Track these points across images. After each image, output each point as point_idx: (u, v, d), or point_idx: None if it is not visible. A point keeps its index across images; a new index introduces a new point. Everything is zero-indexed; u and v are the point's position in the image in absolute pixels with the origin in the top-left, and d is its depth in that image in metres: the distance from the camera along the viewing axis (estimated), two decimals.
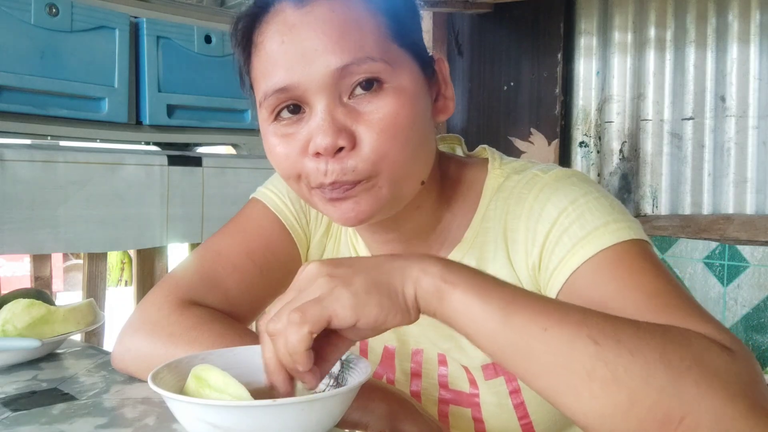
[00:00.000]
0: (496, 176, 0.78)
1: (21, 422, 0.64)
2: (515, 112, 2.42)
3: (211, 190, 1.78)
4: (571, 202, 0.69)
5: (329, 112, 0.66)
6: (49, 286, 1.65)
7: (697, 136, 2.19)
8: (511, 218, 0.74)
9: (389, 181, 0.68)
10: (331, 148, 0.65)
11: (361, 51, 0.65)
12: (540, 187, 0.72)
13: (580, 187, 0.71)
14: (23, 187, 1.46)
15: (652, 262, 0.65)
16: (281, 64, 0.67)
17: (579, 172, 0.76)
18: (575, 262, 0.66)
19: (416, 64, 0.70)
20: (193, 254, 0.86)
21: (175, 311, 0.76)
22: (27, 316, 0.84)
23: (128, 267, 6.61)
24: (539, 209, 0.71)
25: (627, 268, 0.64)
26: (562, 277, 0.67)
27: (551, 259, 0.69)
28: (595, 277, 0.65)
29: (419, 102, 0.69)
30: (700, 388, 0.49)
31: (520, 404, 0.76)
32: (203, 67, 1.79)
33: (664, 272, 0.64)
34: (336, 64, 0.65)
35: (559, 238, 0.68)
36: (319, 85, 0.66)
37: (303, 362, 0.52)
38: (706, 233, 2.10)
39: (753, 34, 2.09)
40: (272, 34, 0.68)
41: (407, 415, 0.66)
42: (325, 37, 0.65)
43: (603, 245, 0.65)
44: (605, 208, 0.69)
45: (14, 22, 1.46)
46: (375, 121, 0.66)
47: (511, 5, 2.33)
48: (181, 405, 0.54)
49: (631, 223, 0.68)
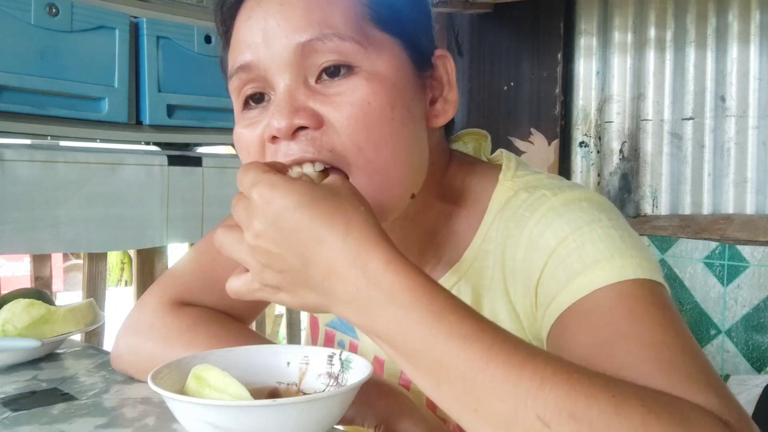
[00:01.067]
0: (505, 190, 0.69)
1: (21, 422, 0.64)
2: (515, 112, 2.42)
3: (211, 190, 1.78)
4: (573, 231, 0.60)
5: (288, 91, 0.59)
6: (49, 286, 1.65)
7: (697, 136, 2.19)
8: (510, 243, 0.65)
9: (371, 186, 0.58)
10: (286, 128, 0.57)
11: (327, 27, 0.58)
12: (543, 211, 0.63)
13: (589, 213, 0.61)
14: (23, 187, 1.46)
15: (659, 309, 0.54)
16: (245, 42, 0.61)
17: (596, 195, 0.65)
18: (567, 299, 0.56)
19: (405, 54, 0.63)
20: (191, 252, 0.85)
21: (169, 313, 0.76)
22: (27, 316, 0.84)
23: (128, 267, 6.60)
24: (537, 237, 0.62)
25: (626, 312, 0.53)
26: (553, 316, 0.58)
27: (546, 294, 0.59)
28: (587, 319, 0.54)
29: (402, 94, 0.61)
30: None
31: None
32: (203, 67, 1.79)
33: (671, 322, 0.53)
34: (297, 39, 0.58)
35: (554, 270, 0.59)
36: (280, 63, 0.59)
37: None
38: (706, 233, 2.10)
39: (753, 34, 2.09)
40: (242, 14, 0.63)
41: (405, 411, 0.66)
42: (289, 11, 0.59)
43: (601, 283, 0.55)
44: (613, 240, 0.58)
45: (14, 22, 1.46)
46: (343, 105, 0.58)
47: (511, 5, 2.33)
48: (181, 405, 0.54)
49: (643, 260, 0.57)
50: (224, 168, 1.83)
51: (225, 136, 1.91)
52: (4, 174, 1.43)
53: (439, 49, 0.68)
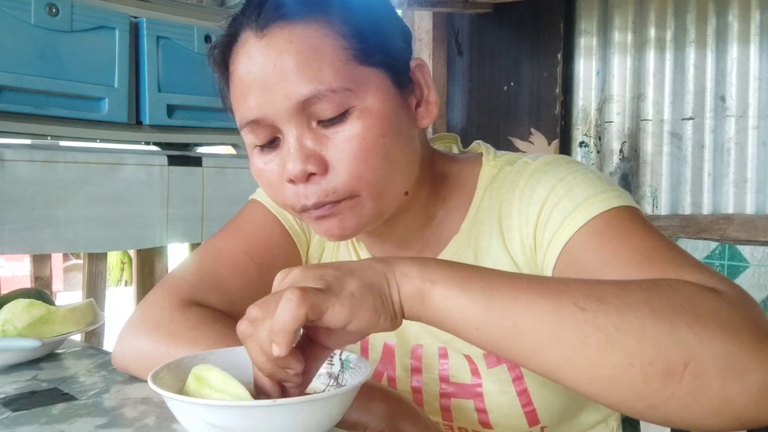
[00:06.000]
0: (490, 168, 0.80)
1: (21, 422, 0.64)
2: (515, 112, 2.42)
3: (211, 190, 1.79)
4: (560, 180, 0.71)
5: (297, 139, 0.67)
6: (49, 286, 1.66)
7: (697, 136, 2.19)
8: (505, 206, 0.76)
9: (371, 198, 0.69)
10: (301, 174, 0.67)
11: (321, 82, 0.65)
12: (530, 173, 0.75)
13: (567, 166, 0.73)
14: (23, 187, 1.46)
15: (643, 224, 0.66)
16: (249, 94, 0.68)
17: (567, 156, 0.79)
18: (567, 233, 0.68)
19: (387, 79, 0.70)
20: (194, 254, 0.86)
21: (176, 311, 0.76)
22: (27, 316, 0.84)
23: (128, 267, 6.62)
24: (530, 192, 0.73)
25: (618, 232, 0.65)
26: (557, 251, 0.68)
27: (544, 236, 0.70)
28: (587, 244, 0.66)
29: (392, 118, 0.69)
30: (696, 332, 0.49)
31: (523, 391, 0.77)
32: (203, 67, 1.78)
33: (655, 232, 0.65)
34: (296, 98, 0.66)
35: (550, 214, 0.70)
36: (284, 116, 0.67)
37: (286, 342, 0.48)
38: (706, 233, 2.10)
39: (753, 34, 2.09)
40: (239, 65, 0.69)
41: (407, 416, 0.66)
42: (283, 69, 0.66)
43: (593, 213, 0.67)
44: (593, 181, 0.70)
45: (14, 22, 1.46)
46: (342, 145, 0.67)
47: (511, 5, 2.33)
48: (181, 405, 0.54)
49: (619, 192, 0.69)
50: (224, 168, 1.83)
51: (225, 136, 1.91)
52: (4, 174, 1.43)
53: (413, 60, 0.74)
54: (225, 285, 0.81)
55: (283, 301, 0.49)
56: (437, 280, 0.53)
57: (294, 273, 0.54)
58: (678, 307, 0.50)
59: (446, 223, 0.80)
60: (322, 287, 0.51)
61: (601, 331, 0.49)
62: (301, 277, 0.53)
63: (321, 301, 0.49)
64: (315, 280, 0.52)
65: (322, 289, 0.51)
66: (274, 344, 0.49)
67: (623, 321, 0.49)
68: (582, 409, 0.83)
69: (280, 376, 0.53)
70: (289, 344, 0.49)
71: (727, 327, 0.50)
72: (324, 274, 0.53)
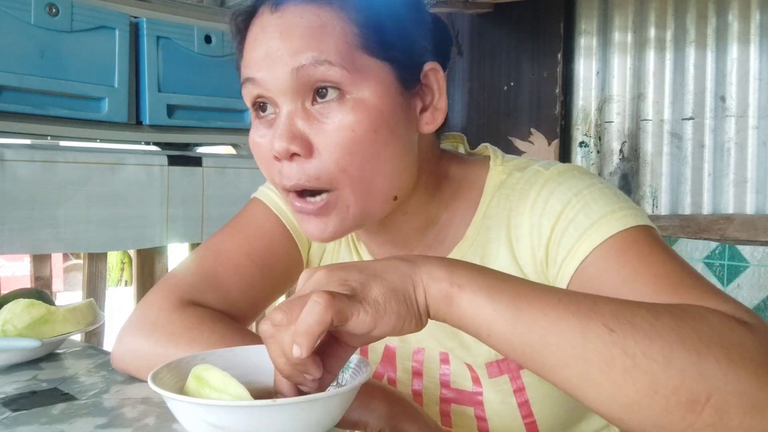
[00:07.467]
0: (498, 173, 0.78)
1: (21, 422, 0.64)
2: (515, 112, 2.42)
3: (211, 190, 1.79)
4: (575, 194, 0.70)
5: (288, 116, 0.68)
6: (49, 286, 1.65)
7: (697, 136, 2.19)
8: (515, 215, 0.74)
9: (353, 195, 0.68)
10: (284, 152, 0.67)
11: (321, 53, 0.66)
12: (542, 183, 0.72)
13: (582, 179, 0.72)
14: (23, 187, 1.46)
15: (660, 246, 0.65)
16: (253, 59, 0.70)
17: (579, 166, 0.76)
18: (583, 251, 0.66)
19: (392, 76, 0.69)
20: (194, 254, 0.86)
21: (175, 311, 0.76)
22: (27, 316, 0.84)
23: (128, 267, 6.61)
24: (543, 204, 0.71)
25: (636, 253, 0.64)
26: (572, 268, 0.67)
27: (559, 251, 0.69)
28: (604, 264, 0.65)
29: (387, 115, 0.68)
30: (722, 365, 0.48)
31: (524, 403, 0.76)
32: (203, 67, 1.79)
33: (672, 255, 0.64)
34: (294, 64, 0.66)
35: (566, 229, 0.68)
36: (280, 86, 0.68)
37: (308, 345, 0.48)
38: (706, 233, 2.10)
39: (753, 34, 2.09)
40: (252, 33, 0.71)
41: (407, 415, 0.66)
42: (288, 40, 0.67)
43: (610, 232, 0.66)
44: (609, 197, 0.69)
45: (14, 22, 1.46)
46: (331, 133, 0.67)
47: (511, 5, 2.33)
48: (181, 405, 0.53)
49: (636, 210, 0.68)
50: (224, 168, 1.83)
51: (225, 136, 1.91)
52: (4, 174, 1.43)
53: (428, 63, 0.72)
54: (225, 285, 0.81)
55: (311, 304, 0.49)
56: (465, 285, 0.53)
57: (318, 276, 0.54)
58: (706, 338, 0.49)
59: (450, 227, 0.79)
60: (348, 293, 0.51)
61: (628, 354, 0.48)
62: (325, 280, 0.53)
63: (347, 306, 0.49)
64: (339, 285, 0.51)
65: (348, 295, 0.50)
66: (295, 345, 0.49)
67: (651, 346, 0.49)
68: (581, 420, 0.83)
69: (298, 380, 0.53)
70: (310, 347, 0.49)
71: (754, 362, 0.49)
72: (348, 278, 0.52)
